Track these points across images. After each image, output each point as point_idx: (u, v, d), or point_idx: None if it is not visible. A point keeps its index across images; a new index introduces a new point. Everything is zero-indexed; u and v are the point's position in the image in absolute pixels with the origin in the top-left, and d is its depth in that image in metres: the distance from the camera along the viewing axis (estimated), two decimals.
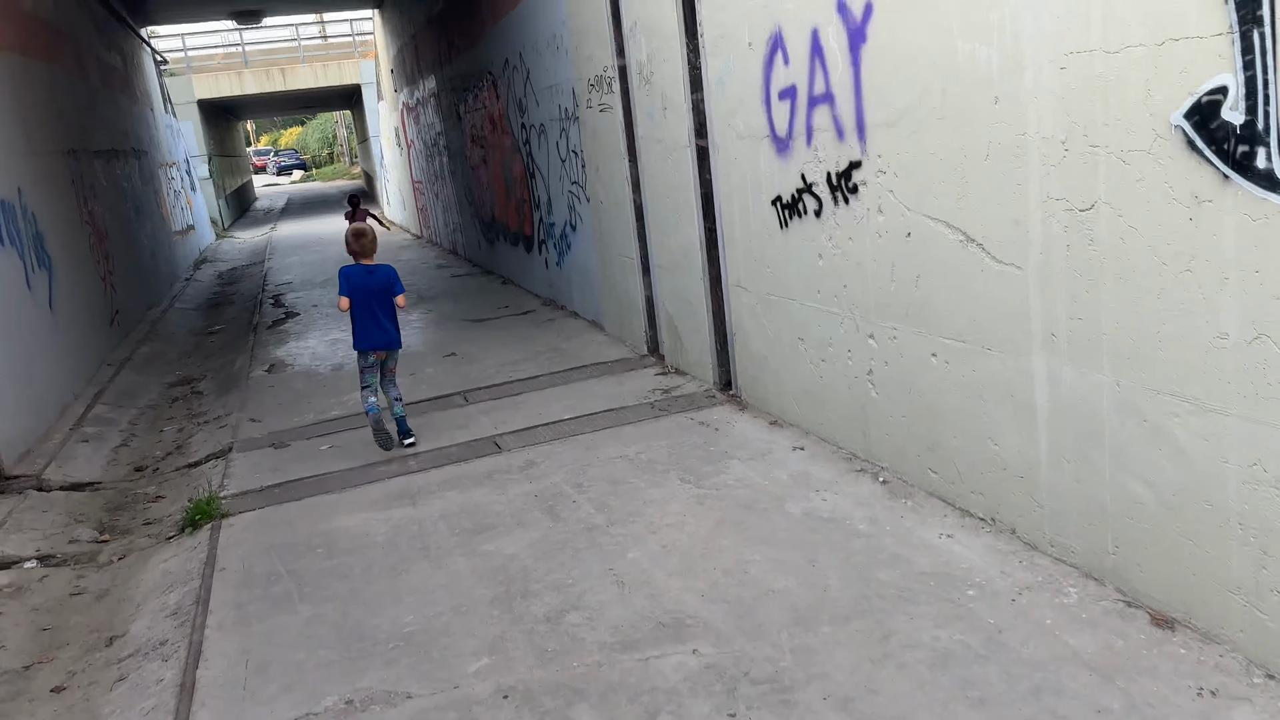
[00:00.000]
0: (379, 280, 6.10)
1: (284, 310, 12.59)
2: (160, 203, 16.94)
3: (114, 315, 10.82)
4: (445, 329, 10.05)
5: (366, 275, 6.10)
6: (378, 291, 6.06)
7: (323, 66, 30.06)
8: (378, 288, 6.07)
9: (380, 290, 6.07)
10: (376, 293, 6.06)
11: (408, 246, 19.25)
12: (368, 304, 6.05)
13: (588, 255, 8.89)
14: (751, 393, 5.96)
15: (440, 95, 15.08)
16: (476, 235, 14.36)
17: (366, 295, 6.04)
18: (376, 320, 6.09)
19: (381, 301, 6.07)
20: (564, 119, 8.86)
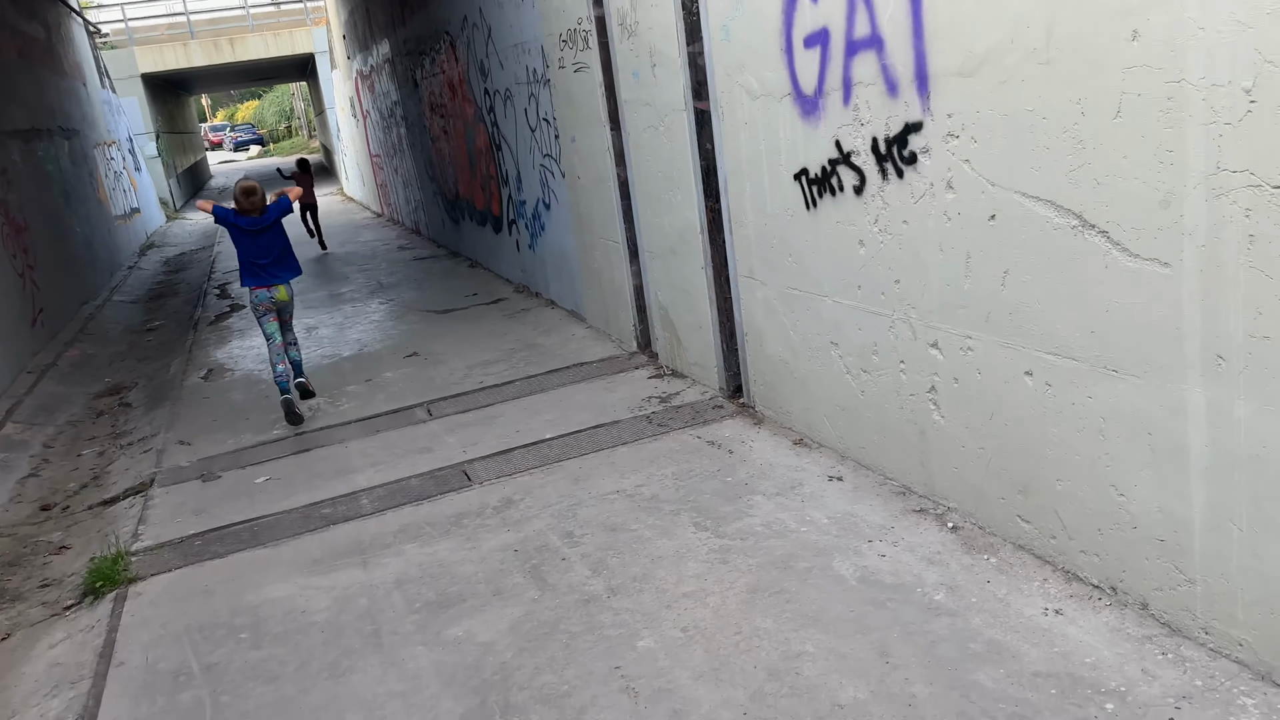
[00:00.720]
0: (270, 218, 6.38)
1: (229, 303, 11.46)
2: (97, 186, 15.65)
3: (36, 315, 9.67)
4: (406, 322, 9.00)
5: (254, 223, 6.34)
6: (270, 226, 6.35)
7: (274, 35, 28.48)
8: (270, 223, 6.36)
9: (274, 221, 6.38)
10: (266, 234, 6.34)
11: (368, 226, 18.08)
12: (254, 250, 6.35)
13: (564, 237, 7.87)
14: (768, 403, 5.01)
15: (395, 61, 13.89)
16: (440, 214, 13.26)
17: (253, 238, 6.31)
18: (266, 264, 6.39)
19: (277, 235, 6.40)
20: (532, 82, 7.80)
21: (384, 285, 11.16)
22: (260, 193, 6.40)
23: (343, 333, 8.93)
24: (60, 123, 13.64)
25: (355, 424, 6.10)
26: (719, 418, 5.19)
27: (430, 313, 9.31)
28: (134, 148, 22.04)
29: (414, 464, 5.21)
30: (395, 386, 6.83)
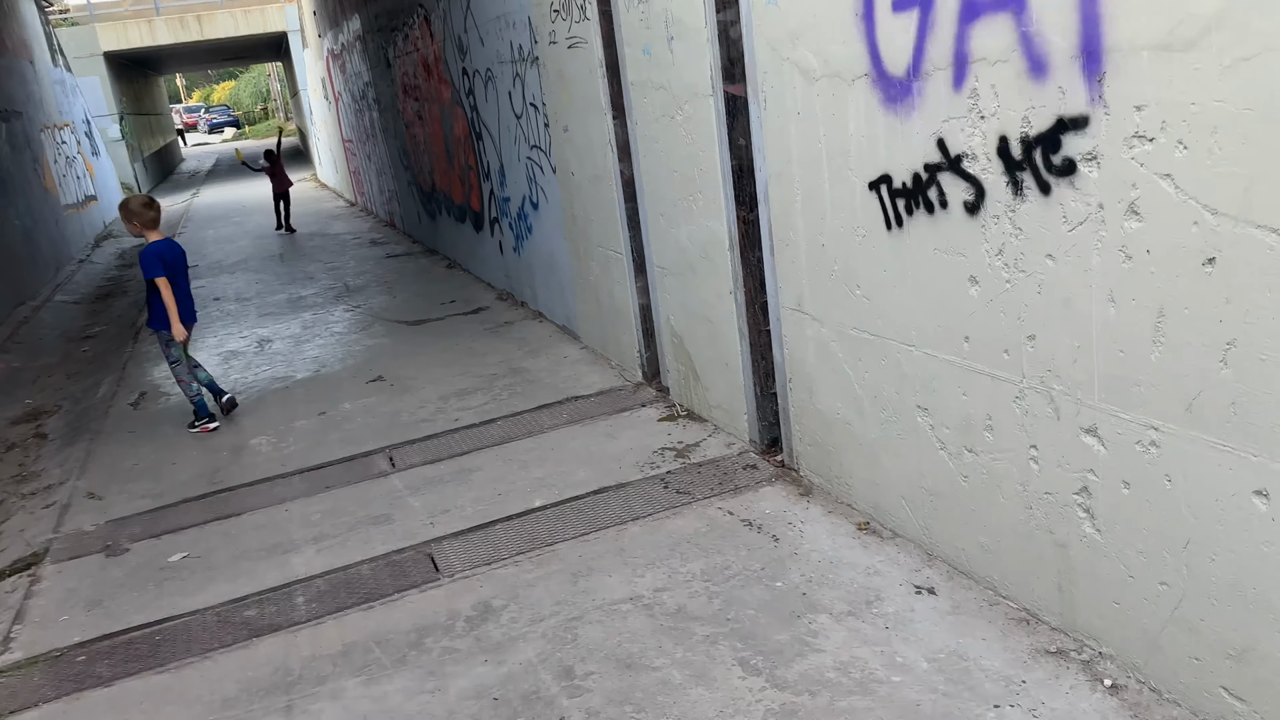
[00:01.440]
0: (180, 253, 5.99)
1: None
2: (42, 172, 14.38)
3: None
4: (373, 336, 7.89)
5: (170, 251, 5.85)
6: (181, 264, 5.94)
7: (244, 13, 27.09)
8: (181, 260, 5.96)
9: (182, 263, 5.97)
10: (180, 266, 5.93)
11: (340, 216, 16.88)
12: (183, 275, 5.93)
13: (555, 242, 6.78)
14: (819, 468, 3.96)
15: (366, 38, 12.70)
16: (415, 206, 12.11)
17: (172, 271, 5.80)
18: (182, 298, 5.89)
19: (184, 274, 5.97)
20: (517, 60, 6.68)
21: (351, 288, 10.02)
22: (158, 204, 5.99)
23: (299, 348, 7.81)
24: None
25: (301, 476, 5.01)
26: (753, 483, 4.13)
27: (401, 324, 8.20)
28: (92, 130, 20.71)
29: (368, 540, 4.13)
30: (353, 423, 5.74)
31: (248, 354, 7.80)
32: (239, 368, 7.39)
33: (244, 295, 10.36)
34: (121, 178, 24.65)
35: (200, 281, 11.58)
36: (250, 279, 11.34)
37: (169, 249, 5.77)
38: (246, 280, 11.26)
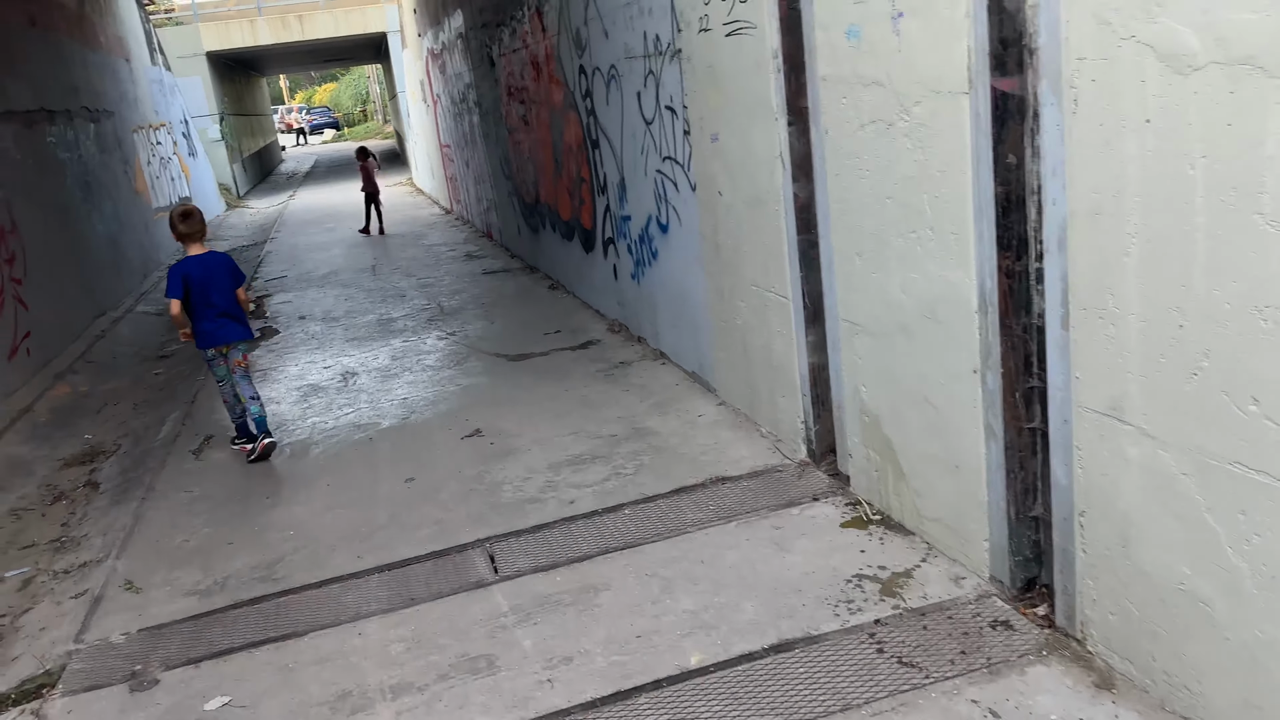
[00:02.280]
0: (216, 267, 5.51)
1: (262, 322, 9.48)
2: (133, 175, 13.90)
3: (18, 342, 7.77)
4: (469, 373, 6.84)
5: (199, 266, 5.44)
6: (216, 280, 5.46)
7: (345, 12, 26.76)
8: (215, 276, 5.47)
9: (218, 279, 5.48)
10: (215, 281, 5.45)
11: (434, 225, 16.06)
12: (204, 297, 5.43)
13: (688, 274, 5.61)
14: (1130, 649, 2.68)
15: (469, 36, 11.77)
16: (516, 219, 11.11)
17: (202, 288, 5.41)
18: (214, 311, 5.47)
19: (221, 290, 5.48)
20: (652, 55, 5.54)
21: (445, 310, 9.03)
22: (198, 215, 5.62)
23: (387, 385, 6.80)
24: (87, 103, 11.83)
25: (380, 576, 3.93)
26: (1013, 655, 2.87)
27: (500, 358, 7.13)
28: (190, 130, 20.45)
29: (464, 703, 3.01)
30: (445, 495, 4.66)
31: (330, 391, 6.84)
32: (318, 409, 6.42)
33: (332, 314, 9.47)
34: (219, 179, 24.51)
35: (288, 295, 10.79)
36: (340, 295, 10.48)
37: (196, 265, 5.40)
38: (335, 296, 10.41)
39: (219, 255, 5.65)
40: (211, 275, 5.41)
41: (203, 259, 5.46)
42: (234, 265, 5.63)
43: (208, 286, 5.39)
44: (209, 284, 5.39)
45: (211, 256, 5.54)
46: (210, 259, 5.51)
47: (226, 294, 5.47)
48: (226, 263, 5.59)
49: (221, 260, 5.58)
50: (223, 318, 5.48)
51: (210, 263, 5.47)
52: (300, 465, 5.43)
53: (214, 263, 5.50)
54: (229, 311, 5.50)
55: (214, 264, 5.48)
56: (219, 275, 5.44)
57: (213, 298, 5.41)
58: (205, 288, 5.38)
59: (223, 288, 5.45)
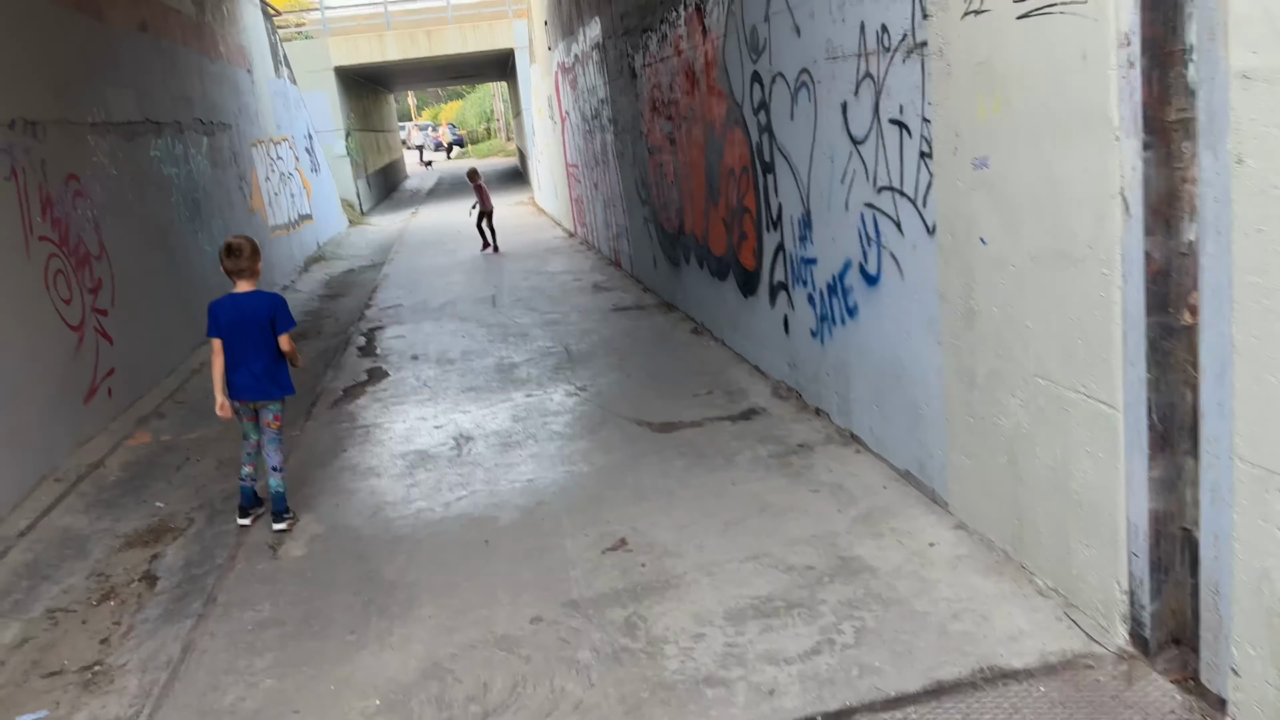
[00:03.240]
0: (252, 311, 4.71)
1: (372, 361, 8.45)
2: (250, 191, 13.27)
3: (97, 382, 6.89)
4: (606, 445, 5.54)
5: (231, 308, 4.72)
6: (250, 325, 4.70)
7: (472, 28, 26.25)
8: (250, 320, 4.70)
9: (253, 324, 4.71)
10: (248, 326, 4.70)
11: (558, 250, 14.97)
12: (237, 339, 4.72)
13: (910, 343, 4.17)
14: None
15: (605, 46, 10.61)
16: (651, 249, 9.84)
17: (237, 330, 4.71)
18: (244, 361, 4.74)
19: (255, 338, 4.72)
20: (873, 52, 4.15)
21: (572, 355, 7.80)
22: (248, 249, 4.80)
23: (507, 457, 5.57)
24: (201, 114, 11.17)
25: None
26: None
27: (643, 427, 5.82)
28: (313, 145, 20.04)
29: None
30: (586, 653, 3.34)
31: (440, 462, 5.65)
32: (426, 489, 5.23)
33: (448, 354, 8.36)
34: (343, 195, 24.21)
35: (402, 328, 9.76)
36: (456, 330, 9.39)
37: (228, 306, 4.76)
38: (452, 332, 9.32)
39: (263, 296, 4.83)
40: (245, 319, 4.71)
41: (239, 299, 4.75)
42: (278, 309, 4.82)
43: (239, 332, 4.71)
44: (241, 329, 4.71)
45: (252, 298, 4.77)
46: (248, 300, 4.75)
47: (261, 343, 4.75)
48: (267, 306, 4.78)
49: (262, 303, 4.78)
50: (252, 369, 4.76)
51: (246, 305, 4.73)
52: (400, 572, 4.22)
53: (252, 305, 4.74)
54: (263, 363, 4.77)
55: (251, 307, 4.73)
56: (255, 320, 4.72)
57: (243, 345, 4.72)
58: (236, 333, 4.71)
59: (257, 336, 4.73)
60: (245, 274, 4.76)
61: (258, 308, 4.74)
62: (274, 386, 4.87)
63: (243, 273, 4.76)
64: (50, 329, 6.34)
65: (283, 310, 4.83)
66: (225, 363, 4.83)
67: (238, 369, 4.81)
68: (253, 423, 4.97)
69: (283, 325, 4.79)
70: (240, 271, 4.76)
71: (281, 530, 4.88)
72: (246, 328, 4.72)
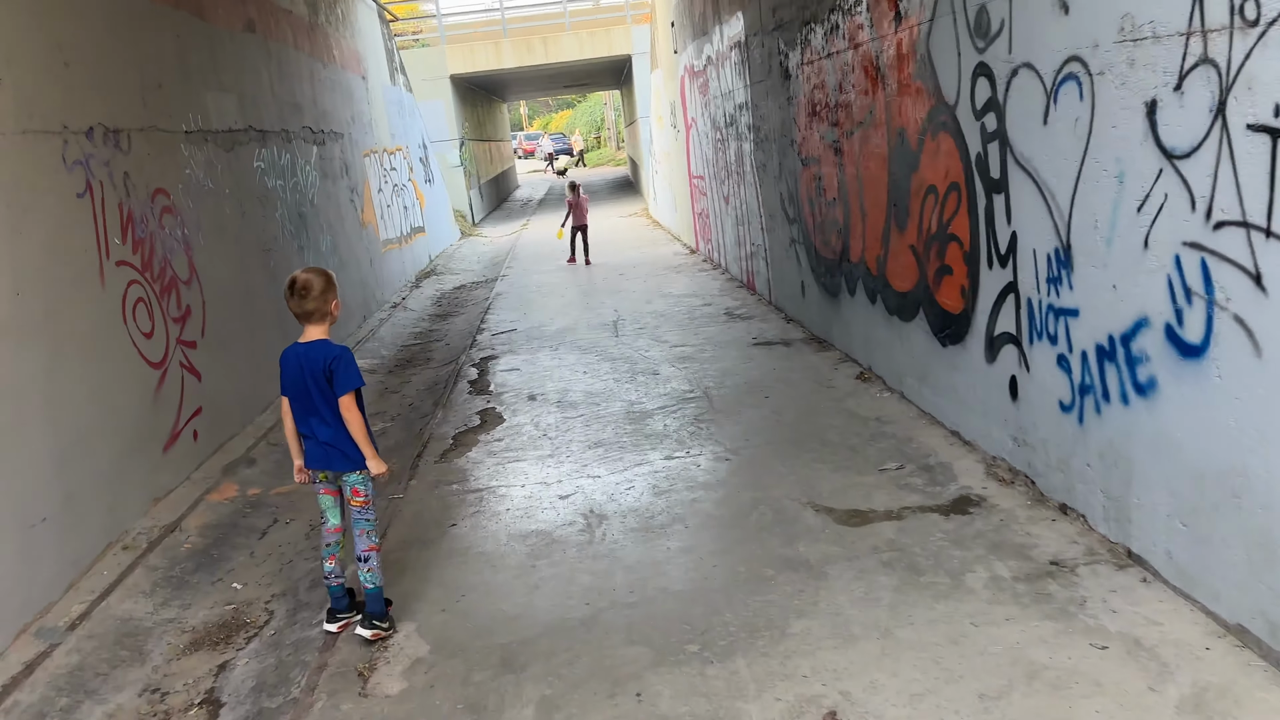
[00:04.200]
0: (311, 365, 3.84)
1: (485, 400, 7.44)
2: (362, 204, 12.57)
3: (181, 425, 6.05)
4: (775, 537, 4.29)
5: (292, 360, 3.91)
6: (311, 383, 3.85)
7: (589, 34, 25.44)
8: (310, 376, 3.85)
9: (314, 381, 3.85)
10: (309, 384, 3.85)
11: (679, 268, 13.82)
12: (300, 398, 3.92)
13: (1271, 451, 2.83)
14: None
15: (749, 43, 9.41)
16: (797, 274, 8.57)
17: (299, 388, 3.89)
18: (309, 425, 3.93)
19: (319, 399, 3.87)
20: (1219, 28, 2.83)
21: (715, 404, 6.61)
22: (315, 287, 3.85)
23: (651, 550, 4.41)
24: (311, 122, 10.44)
25: None
26: None
27: (821, 514, 4.57)
28: (428, 155, 19.45)
29: None
30: None
31: (568, 548, 4.54)
32: (553, 590, 4.12)
33: (569, 395, 7.28)
34: (456, 205, 23.68)
35: (517, 360, 8.75)
36: (576, 364, 8.33)
37: (290, 358, 3.92)
38: (573, 366, 8.26)
39: (323, 348, 3.88)
40: (304, 375, 3.87)
41: (301, 350, 3.90)
42: (338, 365, 3.84)
43: (301, 390, 3.90)
44: (303, 387, 3.89)
45: (314, 349, 3.88)
46: (310, 352, 3.88)
47: (325, 405, 3.88)
48: (323, 360, 3.84)
49: (319, 356, 3.85)
50: (318, 434, 3.92)
51: (307, 358, 3.87)
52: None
53: (311, 358, 3.86)
54: (330, 429, 3.90)
55: (310, 360, 3.85)
56: (314, 377, 3.86)
57: (306, 405, 3.91)
58: (299, 391, 3.92)
59: (319, 396, 3.88)
60: (314, 317, 3.87)
61: (315, 362, 3.83)
62: (342, 459, 3.92)
63: (310, 315, 3.87)
64: (127, 369, 5.50)
65: (343, 366, 3.83)
66: (295, 425, 3.97)
67: (306, 432, 3.94)
68: (332, 497, 4.04)
69: (342, 384, 3.82)
70: (308, 315, 3.86)
71: (372, 638, 3.86)
72: (308, 385, 3.86)
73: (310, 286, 3.83)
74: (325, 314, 3.89)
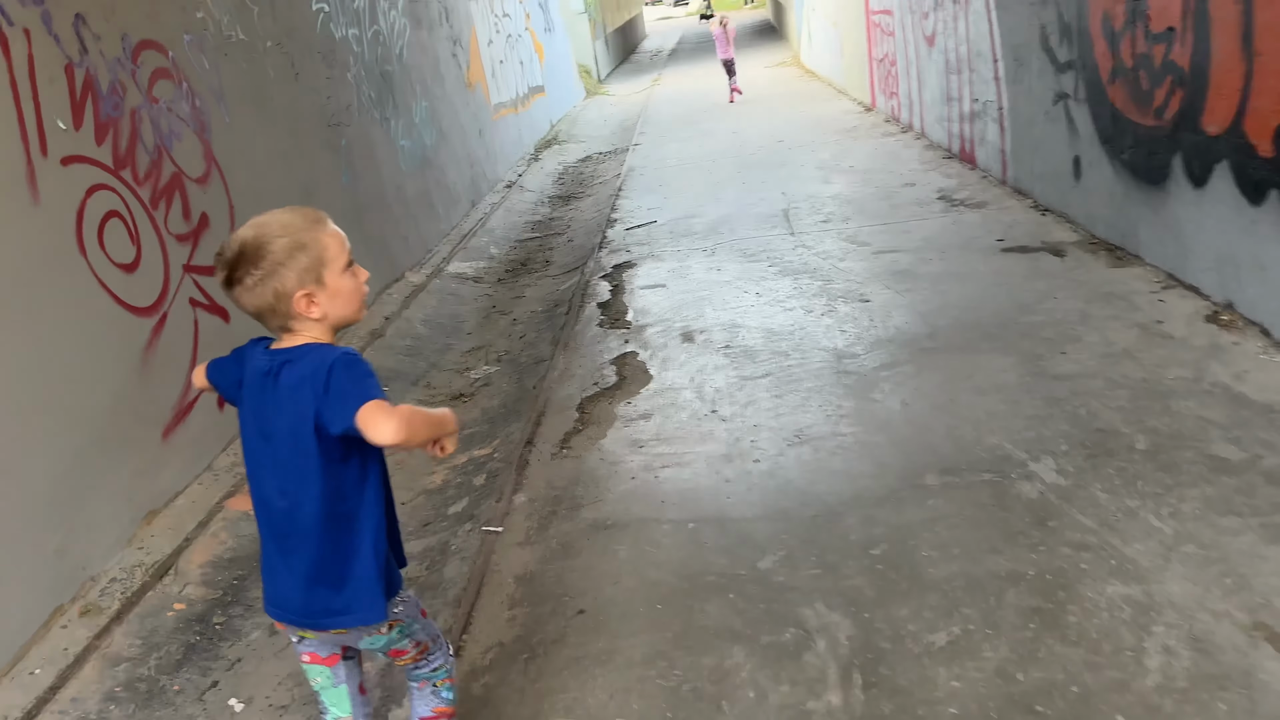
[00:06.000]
0: (289, 389, 1.81)
1: (621, 339, 5.32)
2: (468, 59, 10.33)
3: (186, 401, 4.19)
4: None
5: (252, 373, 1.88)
6: (286, 424, 1.82)
7: None
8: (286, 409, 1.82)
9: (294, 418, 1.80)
10: (285, 427, 1.82)
11: (854, 130, 11.06)
12: (263, 455, 1.88)
13: None
14: None
15: None
16: (1071, 145, 5.88)
17: (258, 430, 1.88)
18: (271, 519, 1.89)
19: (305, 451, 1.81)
20: None
21: (969, 358, 4.26)
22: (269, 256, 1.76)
23: None
24: None
25: None
26: None
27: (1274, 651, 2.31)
28: (545, 3, 16.88)
29: None
30: None
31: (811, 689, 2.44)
32: None
33: (741, 337, 5.05)
34: (579, 59, 21.14)
35: (661, 269, 6.55)
36: (742, 277, 6.07)
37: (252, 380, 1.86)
38: (738, 282, 6.00)
39: (316, 357, 1.80)
40: (265, 408, 1.85)
41: (263, 363, 1.86)
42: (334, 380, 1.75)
43: (257, 432, 1.87)
44: (261, 428, 1.87)
45: (292, 360, 1.83)
46: (277, 365, 1.83)
47: (299, 473, 1.82)
48: (311, 380, 1.77)
49: (302, 373, 1.79)
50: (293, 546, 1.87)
51: (270, 376, 1.83)
52: None
53: (284, 380, 1.82)
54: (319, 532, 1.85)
55: (281, 383, 1.82)
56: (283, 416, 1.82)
57: (269, 469, 1.86)
58: (253, 434, 1.89)
59: (289, 452, 1.83)
60: (274, 318, 1.86)
61: (295, 385, 1.81)
62: (350, 606, 1.91)
63: (266, 316, 1.86)
64: (90, 321, 3.60)
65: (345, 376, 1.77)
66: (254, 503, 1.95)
67: (265, 539, 1.94)
68: (328, 668, 2.03)
69: (341, 409, 1.75)
70: (261, 315, 1.87)
71: None
72: (272, 430, 1.86)
73: (244, 257, 1.75)
74: (290, 314, 1.82)
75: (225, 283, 1.81)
